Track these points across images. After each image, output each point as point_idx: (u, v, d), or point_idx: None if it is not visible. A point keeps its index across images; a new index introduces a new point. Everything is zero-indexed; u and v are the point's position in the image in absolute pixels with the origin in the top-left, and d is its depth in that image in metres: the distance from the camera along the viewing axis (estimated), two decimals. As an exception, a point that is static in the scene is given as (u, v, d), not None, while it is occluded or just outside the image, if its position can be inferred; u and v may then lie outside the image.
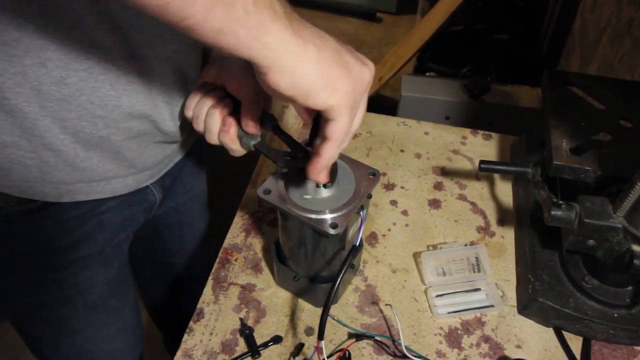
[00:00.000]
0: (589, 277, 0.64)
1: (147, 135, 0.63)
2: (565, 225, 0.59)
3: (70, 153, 0.57)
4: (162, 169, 0.73)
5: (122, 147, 0.61)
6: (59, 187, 0.60)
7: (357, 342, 0.63)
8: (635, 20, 1.26)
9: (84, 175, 0.61)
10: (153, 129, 0.62)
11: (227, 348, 0.62)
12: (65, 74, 0.50)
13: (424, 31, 1.79)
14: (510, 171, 0.74)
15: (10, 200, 0.60)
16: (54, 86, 0.51)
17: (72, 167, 0.59)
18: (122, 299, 0.82)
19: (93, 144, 0.58)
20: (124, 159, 0.63)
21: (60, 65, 0.50)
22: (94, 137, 0.57)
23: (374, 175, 0.58)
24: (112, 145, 0.60)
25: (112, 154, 0.61)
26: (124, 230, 0.74)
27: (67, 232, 0.66)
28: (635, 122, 0.71)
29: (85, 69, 0.51)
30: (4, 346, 1.55)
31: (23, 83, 0.50)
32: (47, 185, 0.59)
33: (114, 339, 0.83)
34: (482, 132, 0.95)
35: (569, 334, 0.65)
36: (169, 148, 0.70)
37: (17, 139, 0.54)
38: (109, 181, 0.64)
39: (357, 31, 3.01)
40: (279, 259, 0.65)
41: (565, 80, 0.78)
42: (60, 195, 0.61)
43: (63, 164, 0.58)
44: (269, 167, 0.85)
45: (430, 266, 0.69)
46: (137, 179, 0.68)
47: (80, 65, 0.51)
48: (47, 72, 0.50)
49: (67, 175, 0.59)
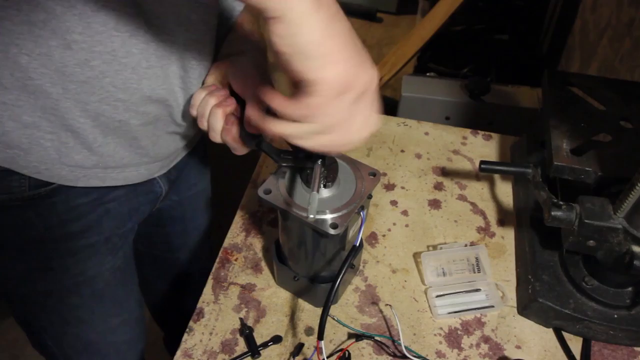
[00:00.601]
0: (589, 278, 0.64)
1: (161, 123, 0.63)
2: (565, 225, 0.59)
3: (89, 137, 0.58)
4: (171, 161, 0.74)
5: (138, 133, 0.62)
6: (75, 170, 0.61)
7: (357, 342, 0.63)
8: (635, 20, 1.26)
9: (101, 160, 0.62)
10: (167, 116, 0.63)
11: (227, 348, 0.62)
12: (90, 56, 0.51)
13: (424, 31, 1.79)
14: (510, 171, 0.74)
15: (22, 184, 0.60)
16: (78, 68, 0.52)
17: (89, 150, 0.60)
18: (127, 290, 0.82)
19: (112, 128, 0.59)
20: (139, 146, 0.64)
21: (85, 48, 0.51)
22: (113, 122, 0.58)
23: (374, 176, 0.58)
24: (129, 131, 0.61)
25: (129, 140, 0.62)
26: (130, 220, 0.75)
27: (76, 218, 0.66)
28: (635, 123, 0.71)
29: (109, 51, 0.52)
30: (4, 345, 1.55)
31: (48, 64, 0.51)
32: (64, 168, 0.60)
33: (118, 330, 0.84)
34: (482, 132, 0.95)
35: (569, 334, 0.65)
36: (180, 140, 0.71)
37: (37, 119, 0.55)
38: (123, 169, 0.65)
39: (357, 31, 2.96)
40: (279, 259, 0.65)
41: (566, 81, 0.78)
42: (76, 179, 0.62)
43: (81, 147, 0.59)
44: (269, 167, 0.85)
45: (430, 266, 0.69)
46: (149, 169, 0.69)
47: (104, 48, 0.51)
48: (72, 54, 0.50)
49: (85, 159, 0.60)
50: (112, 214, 0.70)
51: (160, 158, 0.70)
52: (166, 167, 0.73)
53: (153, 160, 0.68)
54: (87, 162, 0.61)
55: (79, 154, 0.59)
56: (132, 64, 0.54)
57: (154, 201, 0.78)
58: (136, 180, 0.69)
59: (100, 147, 0.60)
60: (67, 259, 0.70)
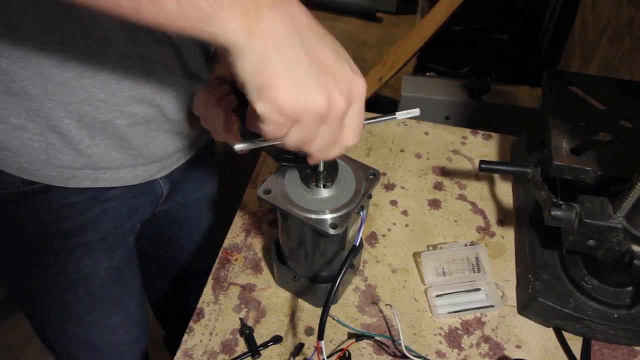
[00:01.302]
0: (589, 277, 0.64)
1: (154, 123, 0.63)
2: (565, 225, 0.59)
3: (75, 138, 0.58)
4: (173, 162, 0.73)
5: (127, 134, 0.62)
6: (65, 171, 0.61)
7: (357, 342, 0.63)
8: (635, 20, 1.26)
9: (90, 161, 0.62)
10: (159, 115, 0.63)
11: (227, 348, 0.62)
12: (66, 57, 0.52)
13: (424, 31, 1.79)
14: (510, 171, 0.74)
15: (16, 180, 0.61)
16: (56, 69, 0.52)
17: (77, 152, 0.60)
18: (125, 289, 0.82)
19: (98, 128, 0.59)
20: (130, 147, 0.63)
21: (61, 49, 0.51)
22: (97, 122, 0.58)
23: (374, 176, 0.58)
24: (116, 131, 0.60)
25: (118, 141, 0.62)
26: (129, 220, 0.75)
27: (71, 216, 0.67)
28: (635, 122, 0.71)
29: (85, 51, 0.52)
30: (4, 346, 1.55)
31: (27, 66, 0.51)
32: (54, 169, 0.60)
33: (117, 330, 0.84)
34: (482, 132, 0.95)
35: (569, 334, 0.65)
36: (180, 141, 0.70)
37: (24, 121, 0.55)
38: (116, 170, 0.65)
39: (357, 31, 3.01)
40: (279, 259, 0.65)
41: (565, 80, 0.78)
42: (66, 179, 0.62)
43: (68, 148, 0.59)
44: (269, 167, 0.85)
45: (430, 266, 0.69)
46: (146, 170, 0.69)
47: (79, 48, 0.52)
48: (48, 56, 0.51)
49: (73, 160, 0.60)
50: (110, 213, 0.70)
51: (157, 159, 0.69)
52: (167, 169, 0.73)
53: (150, 161, 0.68)
54: (76, 163, 0.61)
55: (66, 155, 0.59)
56: (109, 65, 0.54)
57: (155, 202, 0.78)
58: (133, 181, 0.68)
59: (88, 148, 0.60)
60: (61, 256, 0.70)
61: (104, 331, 0.82)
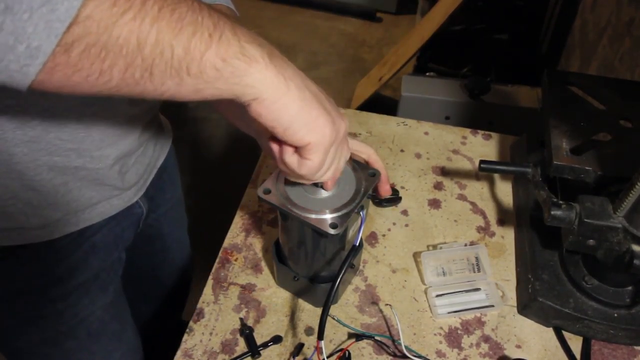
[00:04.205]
0: (588, 277, 0.64)
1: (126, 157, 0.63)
2: (565, 225, 0.59)
3: (50, 190, 0.57)
4: (146, 180, 0.73)
5: (100, 175, 0.61)
6: (47, 226, 0.61)
7: (357, 342, 0.63)
8: (635, 20, 1.26)
9: (69, 207, 0.61)
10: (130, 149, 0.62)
11: (227, 348, 0.62)
12: (28, 117, 0.51)
13: (424, 31, 1.79)
14: (510, 171, 0.74)
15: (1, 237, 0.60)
16: (19, 130, 0.51)
17: (55, 203, 0.59)
18: (121, 322, 0.81)
19: (70, 174, 0.58)
20: (104, 183, 0.63)
21: (20, 110, 0.50)
22: (69, 169, 0.58)
23: (374, 176, 0.58)
24: (89, 174, 0.60)
25: (91, 181, 0.61)
26: (116, 249, 0.74)
27: (61, 259, 0.66)
28: (635, 122, 0.71)
29: (46, 109, 0.51)
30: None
31: None
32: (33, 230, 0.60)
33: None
34: (482, 132, 0.95)
35: (569, 334, 0.65)
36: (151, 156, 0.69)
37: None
38: (94, 207, 0.65)
39: (357, 31, 3.00)
40: (279, 259, 0.65)
41: (565, 80, 0.78)
42: (50, 233, 0.62)
43: (46, 202, 0.58)
44: (269, 167, 0.85)
45: (430, 266, 0.69)
46: (123, 198, 0.68)
47: (40, 107, 0.51)
48: (9, 119, 0.50)
49: (53, 211, 0.60)
50: (99, 247, 0.69)
51: (132, 185, 0.69)
52: (142, 189, 0.73)
53: (125, 189, 0.68)
54: (56, 213, 0.60)
55: (45, 209, 0.59)
56: (74, 116, 0.53)
57: (137, 223, 0.77)
58: (113, 212, 0.68)
59: (64, 196, 0.59)
60: (58, 304, 0.68)
61: None
